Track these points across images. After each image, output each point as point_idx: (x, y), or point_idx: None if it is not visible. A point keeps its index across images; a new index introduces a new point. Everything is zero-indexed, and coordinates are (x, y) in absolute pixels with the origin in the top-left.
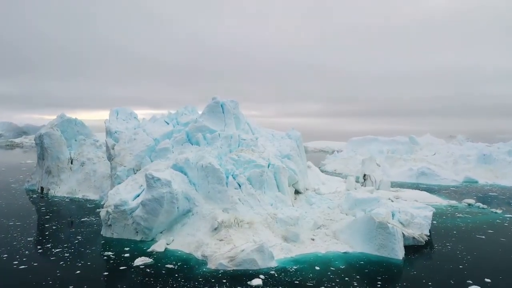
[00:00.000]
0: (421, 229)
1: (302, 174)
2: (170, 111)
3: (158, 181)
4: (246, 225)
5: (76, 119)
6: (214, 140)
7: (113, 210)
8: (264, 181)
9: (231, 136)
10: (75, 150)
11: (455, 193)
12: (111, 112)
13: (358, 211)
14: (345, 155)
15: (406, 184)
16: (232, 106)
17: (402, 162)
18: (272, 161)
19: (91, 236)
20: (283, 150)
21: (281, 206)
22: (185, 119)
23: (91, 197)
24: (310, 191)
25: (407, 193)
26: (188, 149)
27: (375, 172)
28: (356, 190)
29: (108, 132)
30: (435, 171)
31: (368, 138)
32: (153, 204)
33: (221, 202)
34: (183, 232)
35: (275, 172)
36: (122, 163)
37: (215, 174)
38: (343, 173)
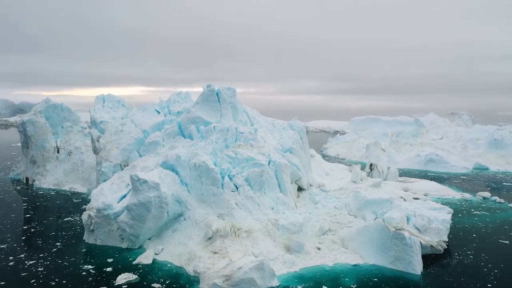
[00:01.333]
0: (439, 234)
1: (305, 169)
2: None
3: (145, 184)
4: (244, 234)
5: (62, 104)
6: (209, 133)
7: (96, 215)
8: (264, 182)
9: (227, 129)
10: (62, 137)
11: (467, 182)
12: (97, 99)
13: (368, 213)
14: (348, 138)
15: (413, 172)
16: (229, 94)
17: (408, 147)
18: (273, 157)
19: (72, 243)
20: (285, 143)
21: (283, 209)
22: (177, 108)
23: (79, 190)
24: (314, 187)
25: (417, 184)
26: (180, 143)
27: (380, 158)
28: (363, 182)
29: (93, 122)
30: (443, 158)
31: (370, 118)
32: (139, 210)
33: (216, 207)
34: (174, 240)
35: (277, 170)
36: (107, 158)
37: (210, 174)
38: (346, 159)
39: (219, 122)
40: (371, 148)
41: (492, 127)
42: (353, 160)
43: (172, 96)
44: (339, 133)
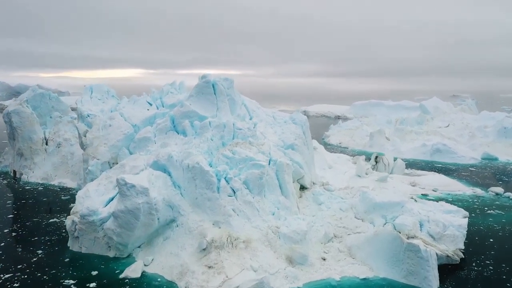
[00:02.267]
0: (455, 242)
1: (308, 166)
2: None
3: (133, 189)
4: (242, 245)
5: (50, 93)
6: (204, 129)
7: (80, 221)
8: (264, 185)
9: (224, 125)
10: (50, 128)
11: (476, 175)
12: (85, 89)
13: (376, 217)
14: (350, 125)
15: (419, 163)
16: (226, 86)
17: (414, 135)
18: (274, 155)
19: (55, 250)
20: (287, 138)
21: (285, 214)
22: (170, 100)
23: (68, 185)
24: (318, 185)
25: (425, 178)
26: (172, 139)
27: (384, 147)
28: (368, 176)
29: (79, 116)
30: (451, 148)
31: (372, 102)
32: (126, 217)
33: (211, 213)
34: (165, 250)
35: (278, 170)
36: (95, 155)
37: (204, 177)
38: (349, 147)
39: (215, 116)
40: (375, 136)
41: (501, 114)
42: (356, 149)
43: (165, 87)
44: (341, 119)
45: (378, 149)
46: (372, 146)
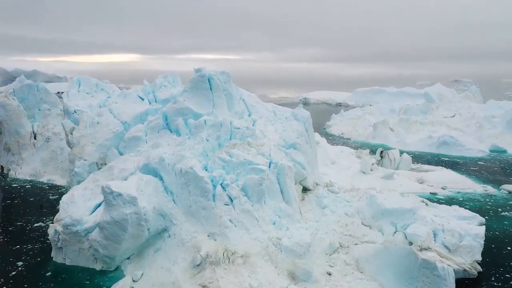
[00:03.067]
0: (472, 253)
1: (311, 166)
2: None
3: (119, 198)
4: (240, 260)
5: (38, 84)
6: (199, 129)
7: (63, 231)
8: (263, 191)
9: (220, 124)
10: (39, 122)
11: (485, 169)
12: (71, 82)
13: (385, 225)
14: (353, 114)
15: (425, 156)
16: (223, 80)
17: (419, 126)
18: (275, 157)
19: (37, 261)
20: (288, 137)
21: (287, 223)
22: (164, 94)
23: (57, 182)
24: (321, 187)
25: (432, 174)
26: (165, 139)
27: (388, 138)
28: (373, 172)
29: (65, 111)
30: (458, 140)
31: (374, 89)
32: (113, 229)
33: (206, 223)
34: (156, 263)
35: (279, 174)
36: (81, 156)
37: (198, 183)
38: (351, 138)
39: (211, 113)
40: (379, 127)
41: (508, 103)
42: (359, 140)
43: (158, 80)
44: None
45: (382, 140)
46: (375, 137)
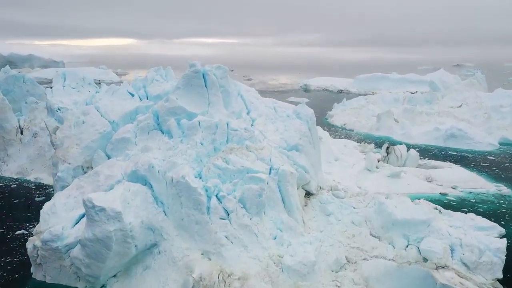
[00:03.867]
0: (492, 271)
1: (315, 168)
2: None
3: (102, 213)
4: (237, 283)
5: (24, 75)
6: (192, 131)
7: (42, 247)
8: (263, 203)
9: (216, 126)
10: (26, 116)
11: (496, 165)
12: (56, 76)
13: (396, 237)
14: (355, 103)
15: (432, 150)
16: (219, 75)
17: (425, 117)
18: (275, 162)
19: (14, 278)
20: (290, 138)
21: (289, 237)
22: (156, 90)
23: (45, 181)
24: (326, 190)
25: (441, 172)
26: (156, 141)
27: (393, 130)
28: (379, 170)
29: (49, 109)
30: (467, 133)
31: (377, 76)
32: (95, 247)
33: (200, 240)
34: (145, 284)
35: (280, 181)
36: (65, 159)
37: (191, 195)
38: (354, 130)
39: (206, 113)
40: (383, 118)
41: None
42: (362, 132)
43: (150, 73)
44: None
45: (386, 132)
46: (379, 129)
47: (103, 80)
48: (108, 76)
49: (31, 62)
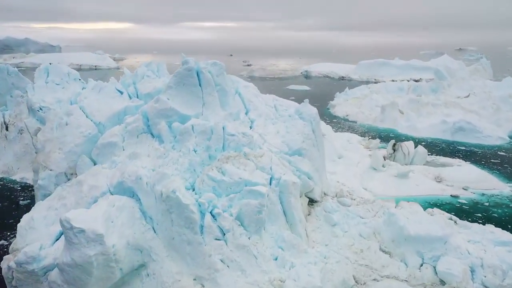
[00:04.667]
0: None
1: (319, 173)
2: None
3: (82, 235)
4: None
5: (8, 66)
6: (185, 136)
7: (17, 269)
8: (263, 220)
9: (211, 130)
10: (11, 110)
11: (509, 162)
12: (38, 71)
13: (409, 253)
14: (358, 92)
15: (439, 144)
16: (215, 73)
17: (431, 108)
18: (277, 171)
19: None
20: (292, 141)
21: (291, 256)
22: (146, 87)
23: (32, 181)
24: (330, 197)
25: (451, 171)
26: (145, 146)
27: (397, 122)
28: (385, 170)
29: (29, 109)
30: (476, 126)
31: (379, 62)
32: (74, 272)
33: (192, 263)
34: None
35: (282, 192)
36: (47, 164)
37: (183, 212)
38: (358, 121)
39: (201, 115)
40: (387, 110)
41: None
42: (366, 124)
43: (140, 68)
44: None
45: (390, 124)
46: (383, 120)
47: (99, 66)
48: (105, 61)
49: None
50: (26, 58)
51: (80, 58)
